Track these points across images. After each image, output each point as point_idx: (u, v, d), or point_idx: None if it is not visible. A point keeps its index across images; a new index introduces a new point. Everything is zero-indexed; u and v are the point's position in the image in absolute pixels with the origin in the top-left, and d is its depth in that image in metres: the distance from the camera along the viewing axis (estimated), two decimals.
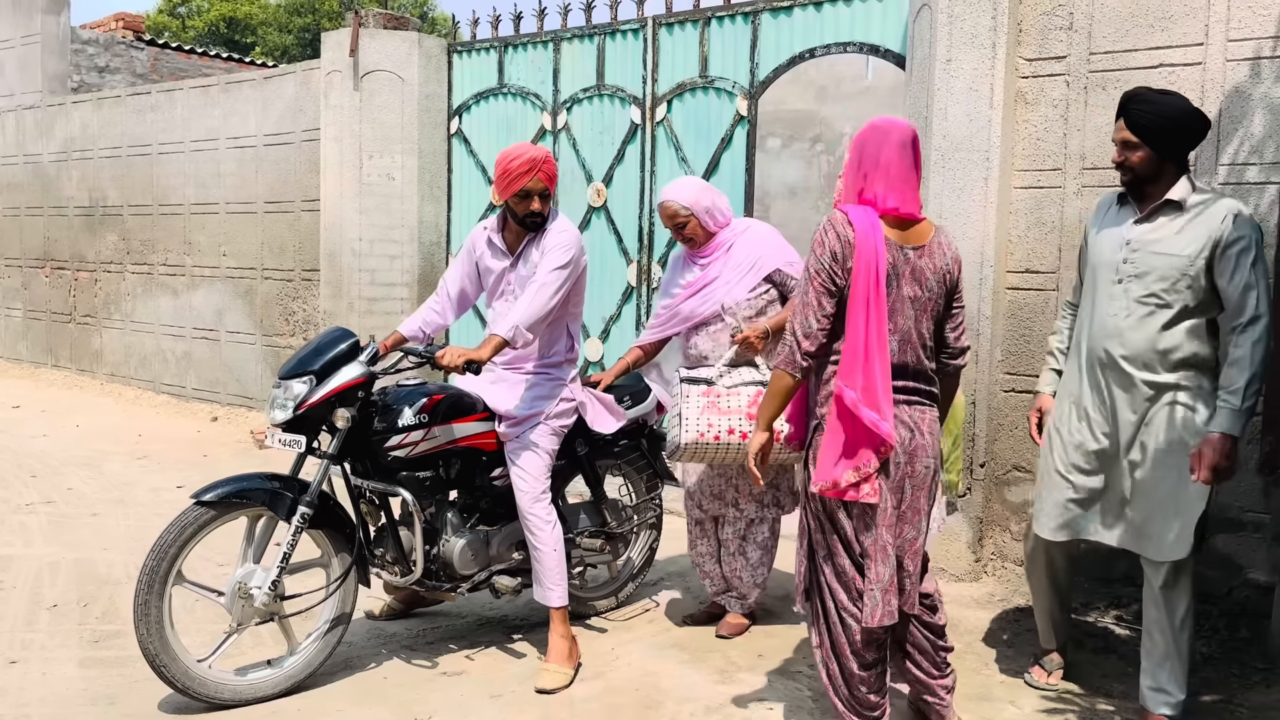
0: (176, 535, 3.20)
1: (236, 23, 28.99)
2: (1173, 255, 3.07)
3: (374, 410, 3.57)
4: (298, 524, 3.35)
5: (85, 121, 9.84)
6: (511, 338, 3.48)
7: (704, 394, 3.69)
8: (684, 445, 3.65)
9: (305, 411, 3.38)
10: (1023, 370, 4.56)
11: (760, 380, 3.73)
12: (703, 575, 4.17)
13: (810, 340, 2.78)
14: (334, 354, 3.45)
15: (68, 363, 10.29)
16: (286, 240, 8.14)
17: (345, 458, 3.59)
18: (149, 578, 3.16)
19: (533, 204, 3.64)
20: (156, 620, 3.16)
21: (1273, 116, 3.97)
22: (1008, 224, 4.58)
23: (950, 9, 4.55)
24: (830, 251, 2.76)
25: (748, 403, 3.66)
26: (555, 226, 3.72)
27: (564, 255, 3.62)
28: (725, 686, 3.55)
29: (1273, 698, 3.52)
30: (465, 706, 3.37)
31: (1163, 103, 3.07)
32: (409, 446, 3.56)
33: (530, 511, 3.66)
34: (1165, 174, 3.11)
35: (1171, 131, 3.05)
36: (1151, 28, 4.24)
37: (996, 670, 3.74)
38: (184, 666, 3.21)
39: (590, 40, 6.55)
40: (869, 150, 2.83)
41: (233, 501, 3.30)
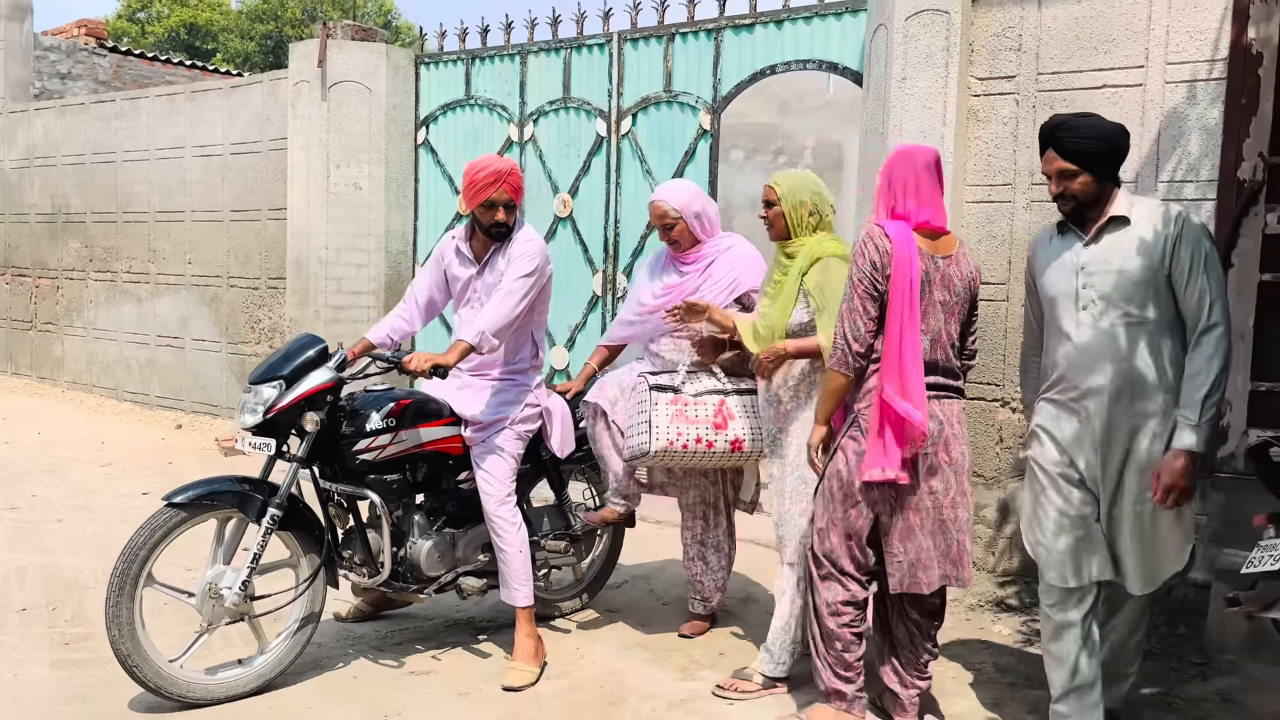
0: (147, 537, 3.27)
1: (197, 29, 28.82)
2: (1132, 269, 2.95)
3: (342, 415, 3.65)
4: (268, 525, 3.42)
5: (48, 128, 9.82)
6: (478, 343, 3.58)
7: (672, 402, 3.77)
8: (654, 452, 3.73)
9: (275, 415, 3.46)
10: (975, 378, 4.72)
11: (721, 389, 3.83)
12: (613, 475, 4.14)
13: (859, 343, 3.14)
14: (303, 359, 3.54)
15: (28, 370, 10.23)
16: (253, 248, 8.18)
17: (314, 461, 3.68)
18: (120, 580, 3.22)
19: (497, 214, 3.75)
20: (128, 621, 3.22)
21: (1208, 137, 4.17)
22: (960, 236, 4.73)
23: (905, 29, 4.72)
24: (870, 262, 3.11)
25: (712, 413, 3.77)
26: (521, 236, 3.82)
27: (529, 264, 3.73)
28: (687, 683, 3.67)
29: (1207, 690, 3.70)
30: (433, 704, 3.46)
31: (1092, 127, 3.00)
32: (376, 450, 3.65)
33: (496, 514, 3.75)
34: (1106, 198, 3.02)
35: (1108, 154, 2.99)
36: (1095, 50, 4.43)
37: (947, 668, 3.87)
38: (156, 667, 3.27)
39: (556, 54, 6.67)
40: (899, 173, 3.19)
41: (203, 504, 3.37)
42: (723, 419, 3.74)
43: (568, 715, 3.40)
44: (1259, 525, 3.14)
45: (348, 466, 3.67)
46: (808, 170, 3.79)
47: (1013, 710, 3.48)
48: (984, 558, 4.72)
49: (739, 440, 3.73)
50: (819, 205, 3.56)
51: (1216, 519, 4.15)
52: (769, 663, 3.58)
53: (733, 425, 3.74)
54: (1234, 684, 3.73)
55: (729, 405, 3.77)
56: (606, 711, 3.44)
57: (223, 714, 3.33)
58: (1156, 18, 4.28)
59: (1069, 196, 3.02)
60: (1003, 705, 3.53)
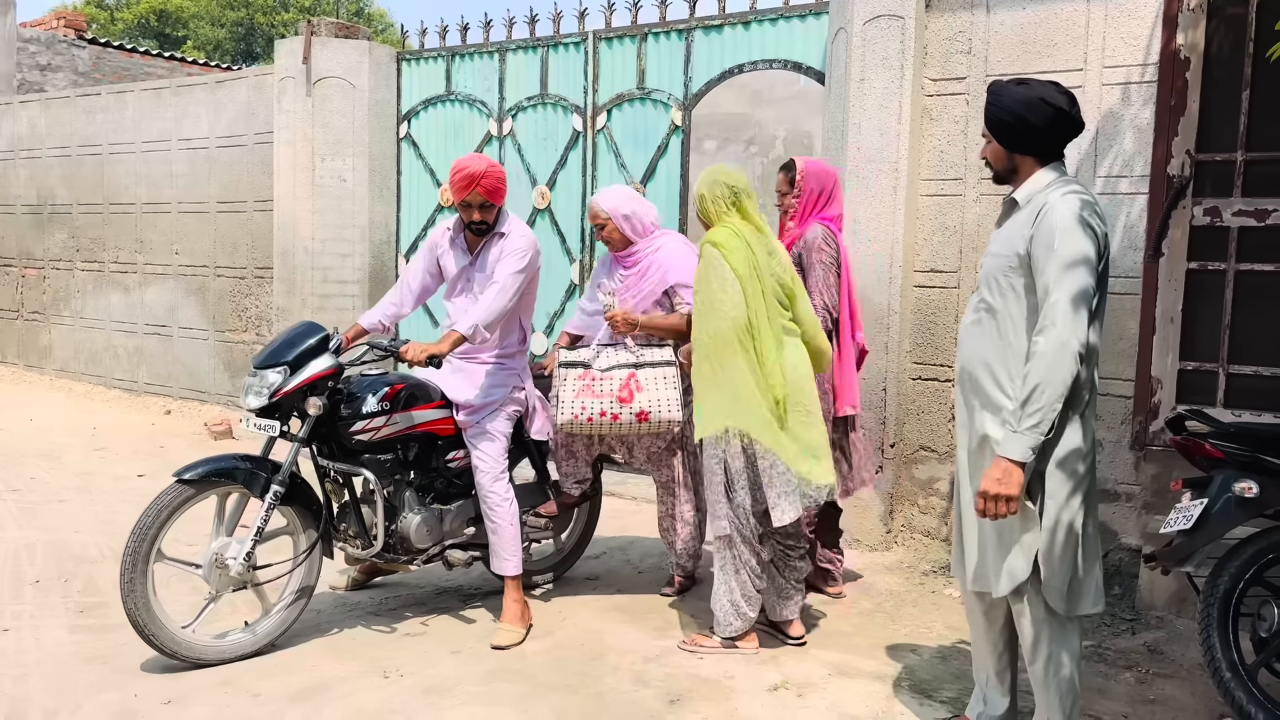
0: (155, 515, 3.53)
1: (167, 15, 28.61)
2: (995, 255, 2.88)
3: (340, 398, 3.93)
4: (270, 501, 3.70)
5: (33, 121, 9.98)
6: (471, 334, 3.87)
7: (580, 377, 4.10)
8: (560, 425, 4.11)
9: (279, 399, 3.73)
10: (929, 360, 5.06)
11: (634, 363, 4.13)
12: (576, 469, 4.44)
13: (835, 310, 4.17)
14: (305, 346, 3.81)
15: (15, 359, 10.41)
16: (239, 239, 8.41)
17: (313, 441, 3.95)
18: (132, 557, 3.48)
19: (474, 214, 4.04)
20: (142, 595, 3.49)
21: (1140, 135, 4.50)
22: (915, 228, 5.07)
23: (864, 33, 5.03)
24: (830, 252, 4.16)
25: (618, 386, 4.07)
26: (515, 231, 4.09)
27: (521, 260, 4.01)
28: (661, 641, 3.98)
29: (1136, 643, 4.05)
30: (428, 660, 3.76)
31: (1007, 93, 2.85)
32: (372, 431, 3.93)
33: (490, 490, 4.05)
34: (1022, 171, 2.88)
35: (1010, 124, 2.83)
36: (1039, 54, 4.75)
37: (901, 625, 4.21)
38: (170, 633, 3.55)
39: (534, 52, 6.94)
40: (827, 184, 4.27)
41: (211, 480, 3.65)
42: (629, 392, 4.05)
43: (551, 669, 3.71)
44: (1175, 490, 3.50)
45: (344, 446, 3.95)
46: (720, 164, 4.16)
47: (959, 662, 3.82)
48: (938, 527, 5.06)
49: (644, 412, 4.04)
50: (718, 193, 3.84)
51: (1148, 488, 4.50)
52: (717, 626, 3.90)
53: (639, 398, 4.04)
54: (1160, 637, 4.09)
55: (639, 378, 4.08)
56: (587, 665, 3.75)
57: (234, 671, 3.62)
58: (1094, 24, 4.61)
59: (985, 160, 2.99)
60: (949, 658, 3.87)
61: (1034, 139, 2.84)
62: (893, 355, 5.02)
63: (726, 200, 3.82)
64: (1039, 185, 2.84)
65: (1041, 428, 2.69)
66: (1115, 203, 4.58)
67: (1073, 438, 2.81)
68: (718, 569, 3.89)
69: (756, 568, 3.83)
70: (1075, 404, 2.79)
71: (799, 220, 4.27)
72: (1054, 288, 2.68)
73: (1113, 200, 4.58)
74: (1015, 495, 2.72)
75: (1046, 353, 2.67)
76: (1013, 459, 2.70)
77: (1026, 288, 2.78)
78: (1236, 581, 3.27)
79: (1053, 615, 2.87)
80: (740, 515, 3.77)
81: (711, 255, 3.73)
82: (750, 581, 3.83)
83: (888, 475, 5.09)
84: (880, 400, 5.02)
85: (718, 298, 3.68)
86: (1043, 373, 2.67)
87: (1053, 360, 2.66)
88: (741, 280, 3.67)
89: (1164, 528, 3.38)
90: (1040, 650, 2.89)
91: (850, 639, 4.04)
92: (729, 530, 3.78)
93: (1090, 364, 2.81)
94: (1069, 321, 2.66)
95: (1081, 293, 2.67)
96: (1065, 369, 2.66)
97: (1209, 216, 4.31)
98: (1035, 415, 2.68)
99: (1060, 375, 2.66)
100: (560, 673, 3.68)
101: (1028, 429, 2.69)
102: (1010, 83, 2.92)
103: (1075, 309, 2.67)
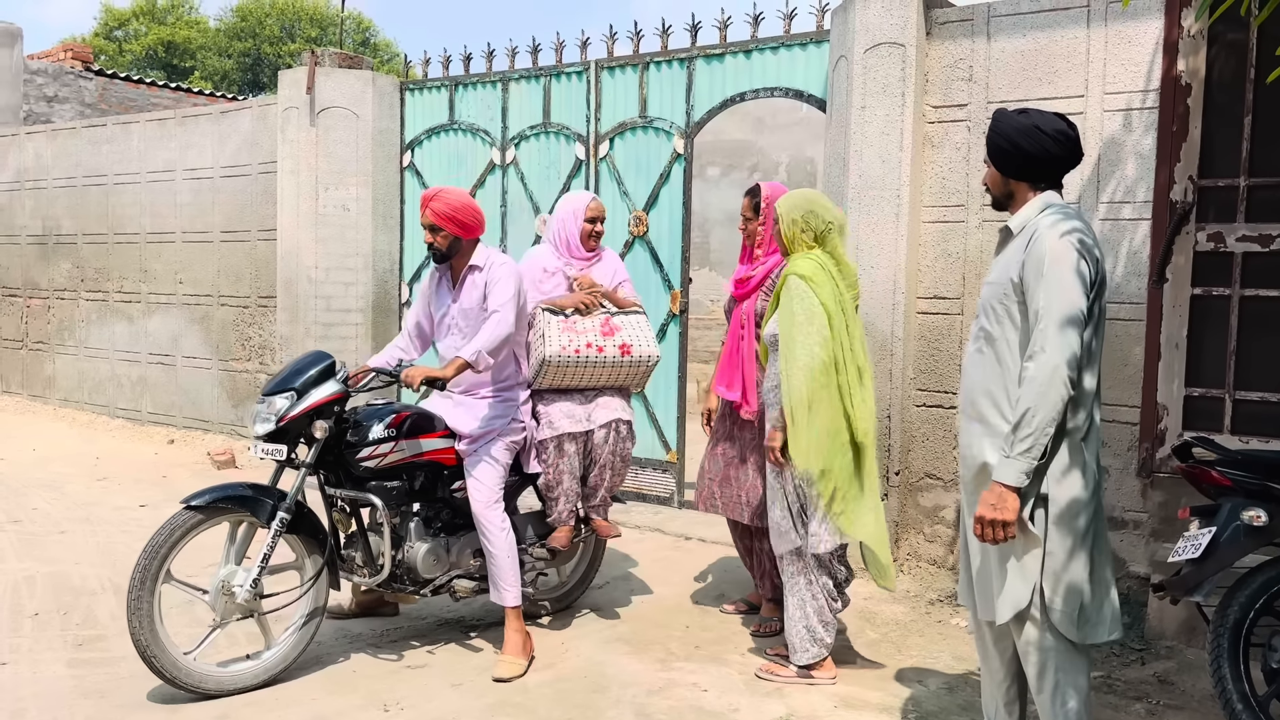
0: (167, 536, 3.53)
1: (175, 46, 28.93)
2: (992, 284, 2.91)
3: (347, 425, 3.93)
4: (277, 528, 3.69)
5: (39, 152, 10.03)
6: (474, 360, 3.87)
7: (561, 320, 4.24)
8: (548, 359, 4.14)
9: (287, 424, 3.73)
10: (932, 386, 5.04)
11: (608, 312, 4.35)
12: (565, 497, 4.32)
13: None
14: (312, 373, 3.82)
15: (19, 388, 10.41)
16: (243, 268, 8.42)
17: (320, 469, 3.95)
18: (142, 575, 3.48)
19: (428, 238, 4.10)
20: (148, 615, 3.48)
21: (1142, 161, 4.50)
22: (917, 255, 5.06)
23: (864, 61, 5.04)
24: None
25: (600, 324, 4.27)
26: (493, 262, 4.11)
27: (510, 286, 4.03)
28: (664, 673, 3.94)
29: (1146, 673, 4.00)
30: (429, 693, 3.72)
31: (1005, 120, 2.91)
32: (378, 458, 3.92)
33: (484, 517, 4.02)
34: (1017, 197, 2.93)
35: (1007, 150, 2.88)
36: (1040, 80, 4.76)
37: (908, 655, 4.17)
38: (172, 658, 3.53)
39: (537, 81, 6.97)
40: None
41: (219, 506, 3.64)
42: (610, 329, 4.26)
43: (553, 701, 3.67)
44: (1183, 518, 3.47)
45: (351, 473, 3.95)
46: (808, 190, 4.11)
47: (966, 693, 3.77)
48: (944, 555, 5.02)
49: (627, 345, 4.25)
50: (809, 223, 3.82)
51: (1155, 516, 4.46)
52: (792, 653, 3.88)
53: (619, 334, 4.26)
54: (1170, 667, 4.04)
55: (614, 321, 4.31)
56: (589, 698, 3.70)
57: (233, 704, 3.58)
58: (1095, 51, 4.61)
59: (984, 186, 3.06)
60: (956, 689, 3.82)
61: (1028, 165, 2.87)
62: (896, 382, 5.00)
63: (818, 230, 3.81)
64: (1032, 212, 2.87)
65: (1034, 452, 2.70)
66: (1118, 229, 4.56)
67: (1074, 462, 2.80)
68: (790, 594, 3.87)
69: (834, 591, 3.86)
70: (1074, 428, 2.79)
71: (768, 248, 4.30)
72: (1044, 313, 2.69)
73: (1116, 226, 4.57)
74: (1011, 520, 2.72)
75: (1037, 377, 2.68)
76: (1007, 484, 2.71)
77: (1022, 314, 2.80)
78: (1247, 611, 3.23)
79: (1060, 643, 2.83)
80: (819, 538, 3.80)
81: (799, 288, 3.68)
82: (827, 605, 3.83)
83: (893, 503, 5.05)
84: (884, 427, 4.99)
85: (809, 332, 3.65)
86: (1033, 398, 2.68)
87: (1043, 385, 2.67)
88: (830, 315, 3.66)
89: (1172, 556, 3.34)
90: (1047, 680, 2.85)
91: (856, 669, 3.99)
92: (806, 552, 3.79)
93: (1090, 389, 2.80)
94: (1058, 346, 2.67)
95: (1071, 317, 2.68)
96: (1056, 393, 2.67)
97: (1213, 242, 4.29)
98: (1027, 440, 2.69)
99: (1051, 400, 2.67)
100: (562, 705, 3.64)
101: (1020, 454, 2.70)
102: (1012, 111, 2.95)
103: (1064, 333, 2.67)
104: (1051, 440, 2.74)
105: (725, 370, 4.38)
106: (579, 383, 4.27)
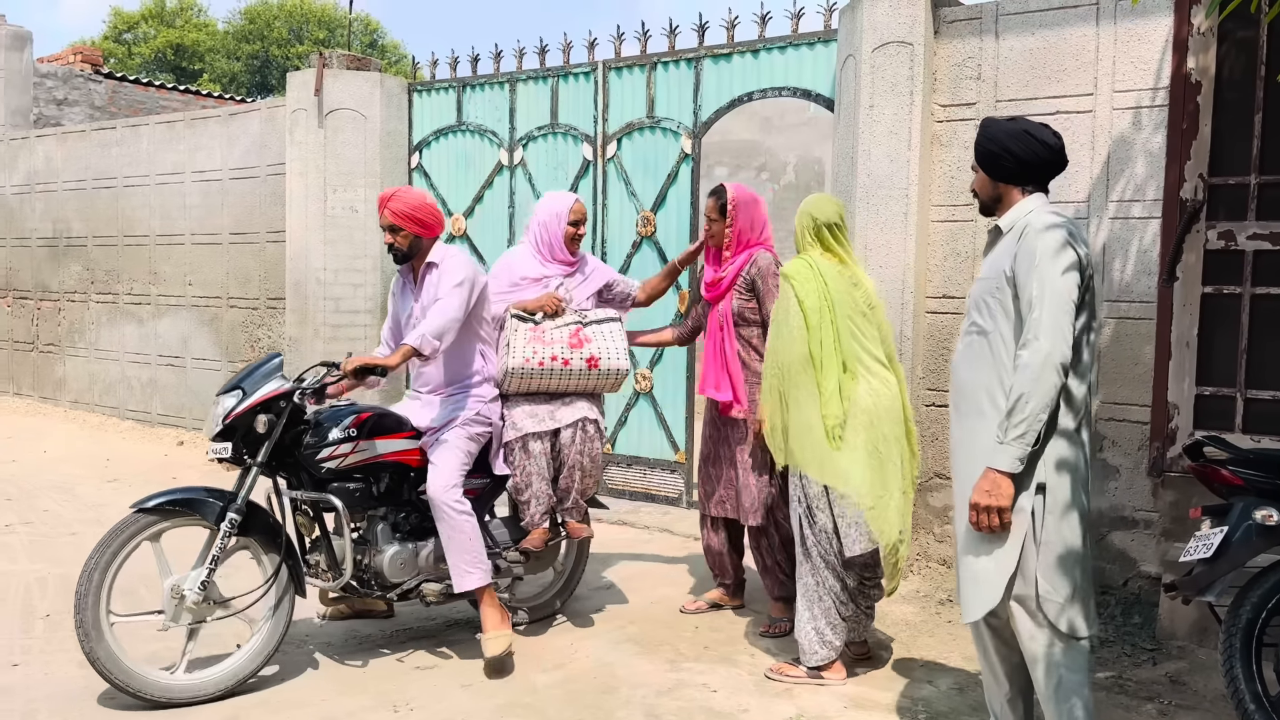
0: (110, 541, 3.52)
1: (184, 49, 29.05)
2: (983, 280, 2.99)
3: (307, 426, 3.88)
4: (226, 529, 3.63)
5: (49, 155, 10.07)
6: (419, 345, 3.82)
7: (530, 329, 4.19)
8: (511, 370, 4.11)
9: (233, 421, 3.70)
10: (942, 386, 5.02)
11: (579, 321, 4.25)
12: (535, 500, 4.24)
13: None
14: (260, 372, 3.80)
15: (30, 390, 10.45)
16: (252, 270, 8.44)
17: (280, 470, 3.90)
18: (87, 581, 3.45)
19: (392, 239, 4.09)
20: (95, 623, 3.45)
21: (1152, 160, 4.48)
22: (926, 254, 5.05)
23: (872, 60, 5.03)
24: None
25: (568, 335, 4.19)
26: (448, 256, 4.11)
27: (459, 274, 3.99)
28: (674, 673, 3.94)
29: (1158, 673, 3.98)
30: (439, 694, 3.73)
31: (995, 127, 3.01)
32: (339, 458, 3.88)
33: (441, 500, 3.92)
34: (1007, 201, 3.01)
35: (996, 154, 2.97)
36: (1049, 79, 4.74)
37: (917, 656, 4.16)
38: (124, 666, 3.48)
39: (544, 82, 6.97)
40: (757, 212, 4.38)
41: (167, 509, 3.61)
42: (579, 340, 4.19)
43: (564, 703, 3.67)
44: (1194, 517, 3.45)
45: (313, 475, 3.90)
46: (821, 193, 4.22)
47: (976, 694, 3.76)
48: (954, 555, 4.99)
49: (594, 358, 4.18)
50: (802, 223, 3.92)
51: (1166, 516, 4.44)
52: (802, 655, 3.87)
53: (588, 346, 4.19)
54: (1182, 667, 4.02)
55: (585, 332, 4.22)
56: (599, 699, 3.70)
57: (240, 705, 3.58)
58: (1104, 49, 4.60)
59: (973, 191, 3.14)
60: (966, 690, 3.81)
61: (1017, 170, 2.97)
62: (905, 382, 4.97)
63: (810, 231, 3.91)
64: (1022, 212, 2.96)
65: (1027, 439, 2.76)
66: (1128, 228, 4.55)
67: (1069, 451, 2.85)
68: (801, 597, 3.87)
69: (841, 594, 3.83)
70: (1069, 418, 2.84)
71: (735, 249, 4.37)
72: (1036, 303, 2.77)
73: (1126, 225, 4.56)
74: (1006, 506, 2.79)
75: (1031, 365, 2.75)
76: (1001, 470, 2.78)
77: (1015, 306, 2.86)
78: (1259, 611, 3.22)
79: (1058, 638, 2.85)
80: (823, 541, 3.79)
81: (784, 288, 3.87)
82: (835, 608, 3.82)
83: None
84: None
85: (782, 330, 3.82)
86: (1027, 384, 2.75)
87: (1036, 372, 2.74)
88: (806, 313, 3.75)
89: (1184, 556, 3.33)
90: (1050, 676, 2.87)
91: (866, 670, 3.98)
92: (811, 552, 3.81)
93: (1084, 379, 2.86)
94: (1051, 335, 2.74)
95: (1063, 307, 2.76)
96: (1048, 381, 2.74)
97: (1223, 240, 4.27)
98: (1021, 426, 2.75)
99: (1044, 387, 2.74)
100: (572, 706, 3.64)
101: (1014, 439, 2.76)
102: (1001, 119, 3.09)
103: (1057, 322, 2.75)
104: (1046, 429, 2.80)
105: (710, 372, 4.43)
106: (546, 389, 4.22)
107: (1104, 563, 4.60)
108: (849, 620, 3.88)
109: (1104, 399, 4.64)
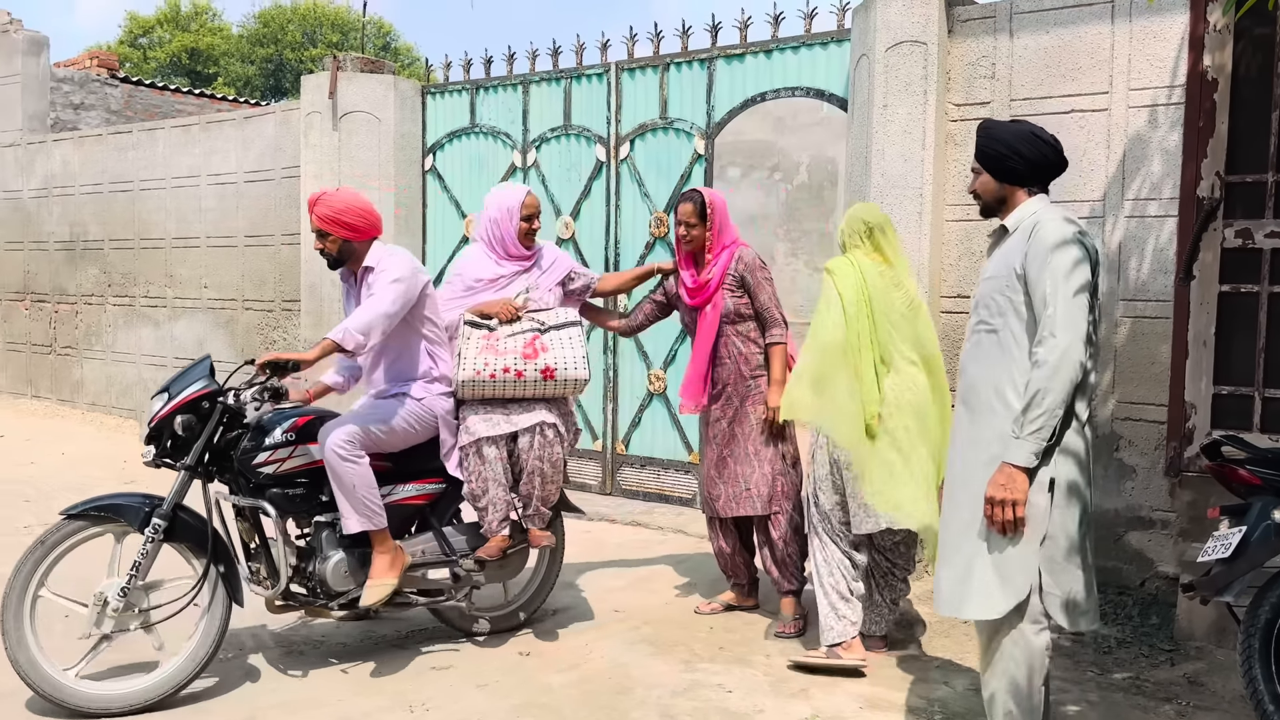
0: (36, 547, 3.53)
1: (198, 53, 29.20)
2: (991, 278, 3.00)
3: (245, 430, 3.82)
4: (150, 534, 3.58)
5: (66, 159, 10.14)
6: (341, 339, 3.69)
7: (484, 338, 4.08)
8: (462, 382, 4.04)
9: (158, 424, 3.67)
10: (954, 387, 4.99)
11: (537, 328, 4.13)
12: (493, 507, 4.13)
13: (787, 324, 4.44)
14: (190, 375, 3.77)
15: (48, 393, 10.53)
16: (267, 272, 8.48)
17: (224, 476, 3.85)
18: (9, 587, 3.45)
19: (321, 245, 4.00)
20: (16, 630, 3.45)
21: (1168, 158, 4.46)
22: (941, 254, 5.04)
23: (886, 59, 5.02)
24: (768, 271, 4.44)
25: (522, 345, 4.06)
26: (386, 254, 4.00)
27: (396, 271, 3.90)
28: (689, 674, 3.94)
29: (1176, 674, 3.96)
30: (454, 694, 3.74)
31: (999, 128, 3.05)
32: (276, 463, 3.81)
33: (329, 447, 3.74)
34: (1011, 202, 3.03)
35: (1002, 155, 2.99)
36: (1064, 77, 4.72)
37: (934, 656, 4.14)
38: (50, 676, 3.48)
39: (557, 83, 6.98)
40: (728, 218, 4.47)
41: (93, 515, 3.58)
42: (534, 350, 4.06)
43: (579, 702, 3.67)
44: (1213, 517, 3.44)
45: (252, 481, 3.83)
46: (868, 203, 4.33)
47: None
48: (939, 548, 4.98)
49: (550, 369, 4.06)
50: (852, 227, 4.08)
51: (1184, 515, 4.42)
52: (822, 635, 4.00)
53: (544, 356, 4.06)
54: (1200, 668, 4.00)
55: (542, 340, 4.10)
56: (614, 699, 3.71)
57: (257, 706, 3.60)
58: (1119, 47, 4.58)
59: (974, 194, 3.15)
60: None
61: (1026, 171, 3.00)
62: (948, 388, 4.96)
63: (862, 234, 4.07)
64: (1027, 211, 2.98)
65: (1043, 434, 2.77)
66: (1144, 226, 4.53)
67: (1076, 447, 2.88)
68: (815, 578, 4.03)
69: (851, 569, 4.00)
70: (1078, 413, 2.87)
71: (715, 250, 4.41)
72: (1051, 299, 2.78)
73: (1142, 224, 4.53)
74: (1021, 500, 2.79)
75: (1049, 360, 2.75)
76: (1017, 464, 2.78)
77: (1026, 303, 2.87)
78: (1278, 611, 3.20)
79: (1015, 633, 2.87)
80: (833, 515, 4.01)
81: (825, 280, 4.04)
82: (844, 581, 3.98)
83: None
84: None
85: (825, 318, 3.97)
86: (1045, 379, 2.75)
87: (1055, 367, 2.75)
88: (845, 304, 3.92)
89: (1202, 556, 3.32)
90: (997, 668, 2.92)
91: (881, 670, 3.97)
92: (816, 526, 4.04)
93: (1092, 375, 2.90)
94: (1068, 329, 2.76)
95: (1079, 302, 2.79)
96: (1067, 376, 2.75)
97: (1240, 238, 4.24)
98: (1037, 421, 2.76)
99: (1061, 382, 2.75)
100: (587, 706, 3.64)
101: (1030, 434, 2.77)
102: (1001, 121, 3.15)
103: (1073, 318, 2.77)
104: (1060, 424, 2.82)
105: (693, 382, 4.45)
106: (501, 396, 4.11)
107: (1121, 563, 4.58)
108: (862, 600, 4.02)
109: (1120, 398, 4.62)
